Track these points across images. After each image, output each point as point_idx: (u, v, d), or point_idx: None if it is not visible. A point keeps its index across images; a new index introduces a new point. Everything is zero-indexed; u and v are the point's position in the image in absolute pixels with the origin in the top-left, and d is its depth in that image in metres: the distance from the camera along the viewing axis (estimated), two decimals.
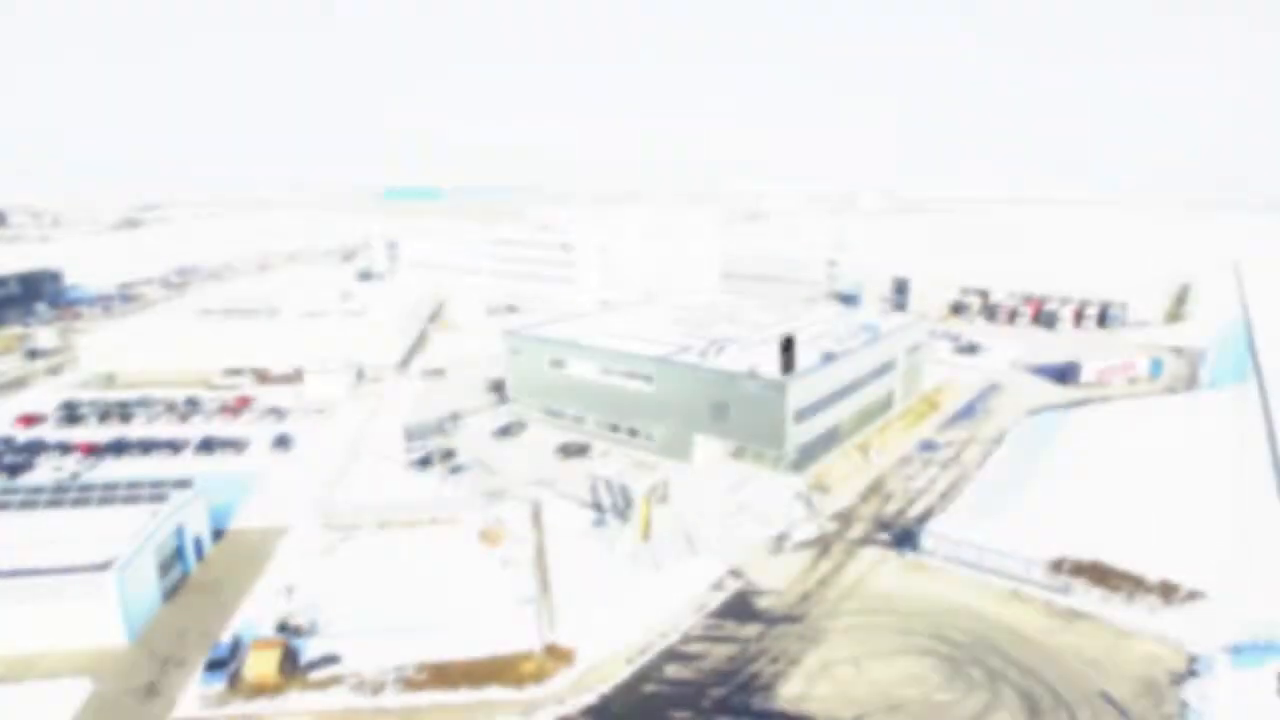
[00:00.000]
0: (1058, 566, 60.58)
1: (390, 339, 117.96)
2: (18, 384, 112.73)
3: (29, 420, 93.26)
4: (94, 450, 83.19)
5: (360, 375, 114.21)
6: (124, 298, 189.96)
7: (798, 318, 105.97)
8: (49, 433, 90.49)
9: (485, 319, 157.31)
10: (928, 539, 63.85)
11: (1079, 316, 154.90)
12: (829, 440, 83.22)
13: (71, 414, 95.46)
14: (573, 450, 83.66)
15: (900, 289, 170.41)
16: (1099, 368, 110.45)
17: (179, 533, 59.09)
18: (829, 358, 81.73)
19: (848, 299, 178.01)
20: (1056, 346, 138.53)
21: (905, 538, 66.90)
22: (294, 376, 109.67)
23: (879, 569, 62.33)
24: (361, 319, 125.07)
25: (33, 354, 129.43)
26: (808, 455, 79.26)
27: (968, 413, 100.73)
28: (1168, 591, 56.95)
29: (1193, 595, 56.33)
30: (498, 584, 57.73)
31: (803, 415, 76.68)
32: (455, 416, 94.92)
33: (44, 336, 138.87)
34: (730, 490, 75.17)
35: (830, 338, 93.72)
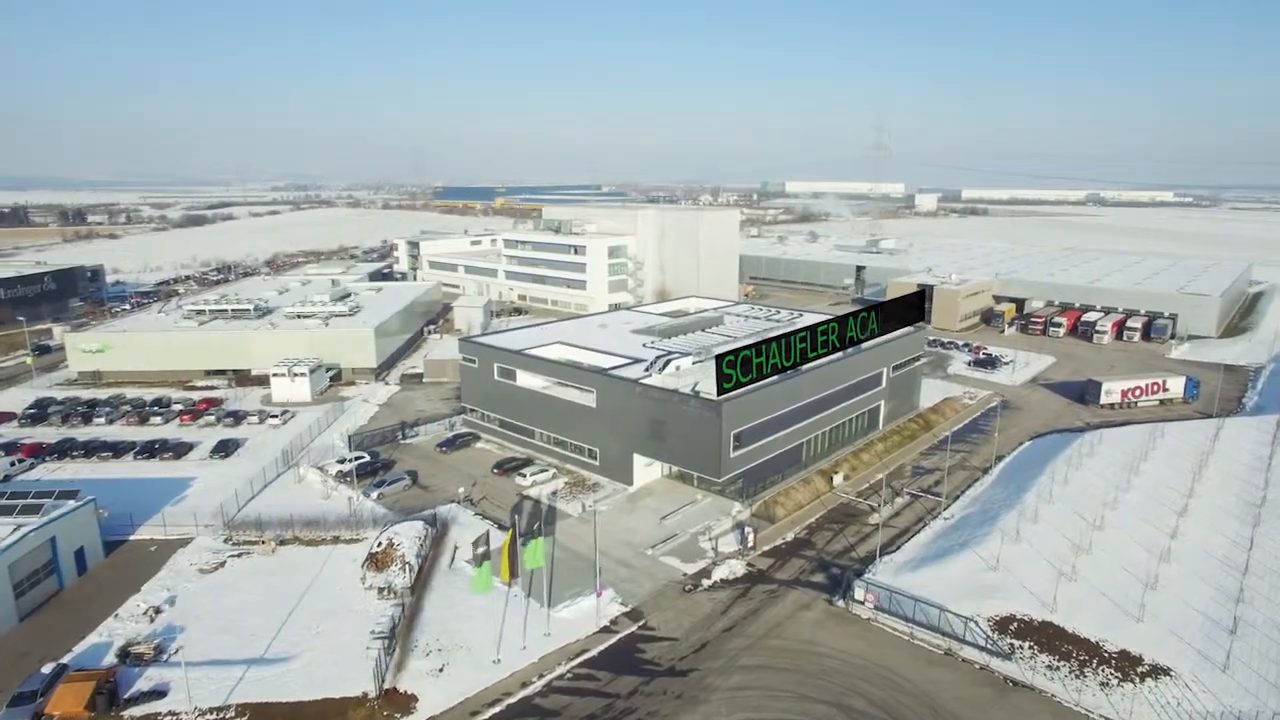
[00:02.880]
0: (1003, 626, 52.40)
1: (370, 342, 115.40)
2: (8, 380, 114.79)
3: None
4: (37, 451, 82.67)
5: (334, 379, 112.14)
6: (157, 295, 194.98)
7: (785, 326, 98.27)
8: (10, 431, 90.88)
9: (491, 322, 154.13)
10: (859, 586, 56.37)
11: (1121, 329, 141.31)
12: (786, 463, 75.92)
13: (40, 413, 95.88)
14: (510, 466, 78.73)
15: (922, 296, 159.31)
16: (1122, 387, 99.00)
17: (52, 545, 56.68)
18: (784, 373, 74.14)
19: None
20: (1090, 361, 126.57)
21: (840, 582, 59.54)
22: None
23: (799, 617, 55.19)
24: (349, 321, 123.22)
25: (42, 350, 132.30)
26: (756, 480, 72.24)
27: (964, 435, 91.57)
28: (1127, 664, 48.24)
29: (1156, 671, 47.44)
30: (365, 614, 53.18)
31: (746, 438, 69.72)
32: (408, 426, 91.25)
33: (57, 333, 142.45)
34: (662, 518, 68.94)
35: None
